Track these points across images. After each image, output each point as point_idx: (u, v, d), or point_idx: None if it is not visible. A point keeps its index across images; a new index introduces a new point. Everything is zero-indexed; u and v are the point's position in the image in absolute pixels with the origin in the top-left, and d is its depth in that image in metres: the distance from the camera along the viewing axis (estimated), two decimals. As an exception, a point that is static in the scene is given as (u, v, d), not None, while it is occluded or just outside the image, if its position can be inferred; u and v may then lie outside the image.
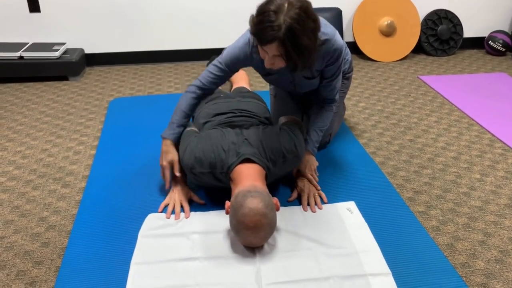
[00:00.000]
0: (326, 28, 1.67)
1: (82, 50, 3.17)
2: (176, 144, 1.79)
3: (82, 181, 1.94)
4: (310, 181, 1.81)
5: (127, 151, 2.13)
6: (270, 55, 1.49)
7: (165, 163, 1.75)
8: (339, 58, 1.71)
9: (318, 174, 1.86)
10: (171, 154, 1.76)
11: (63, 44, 3.08)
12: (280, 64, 1.53)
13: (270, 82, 1.97)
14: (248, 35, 1.70)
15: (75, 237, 1.59)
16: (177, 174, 1.74)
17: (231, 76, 1.80)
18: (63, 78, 3.05)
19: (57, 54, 2.94)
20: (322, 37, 1.60)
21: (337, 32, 1.70)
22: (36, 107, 2.65)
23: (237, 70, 1.79)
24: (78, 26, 3.16)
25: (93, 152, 2.17)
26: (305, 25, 1.42)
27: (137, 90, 2.89)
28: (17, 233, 1.64)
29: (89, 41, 3.22)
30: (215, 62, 1.77)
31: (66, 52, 3.06)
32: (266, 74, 1.85)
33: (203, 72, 1.79)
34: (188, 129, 1.81)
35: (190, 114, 1.82)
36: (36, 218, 1.71)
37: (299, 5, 1.41)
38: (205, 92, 1.81)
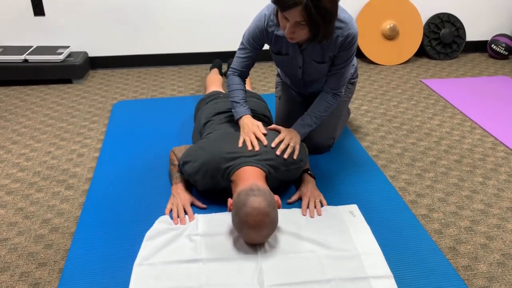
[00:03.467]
0: (344, 13, 1.71)
1: (86, 53, 3.18)
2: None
3: (85, 183, 1.95)
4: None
5: (130, 153, 2.14)
6: (292, 22, 1.52)
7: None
8: (353, 45, 1.74)
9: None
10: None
11: (67, 47, 3.10)
12: (300, 34, 1.58)
13: (279, 64, 2.00)
14: (264, 11, 1.78)
15: (78, 239, 1.60)
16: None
17: (256, 54, 1.89)
18: (67, 81, 3.07)
19: (61, 57, 2.96)
20: (337, 23, 1.66)
21: (353, 19, 1.74)
22: (40, 110, 2.66)
23: (259, 48, 1.87)
24: (82, 29, 3.18)
25: (97, 154, 2.18)
26: None
27: (141, 93, 2.91)
28: (21, 234, 1.65)
29: (93, 44, 3.24)
30: (240, 45, 1.89)
31: (70, 55, 3.08)
32: (278, 52, 1.89)
33: (234, 58, 1.92)
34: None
35: (244, 88, 1.92)
36: (40, 220, 1.72)
37: None
38: (243, 73, 1.93)
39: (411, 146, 2.28)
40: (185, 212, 1.71)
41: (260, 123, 1.79)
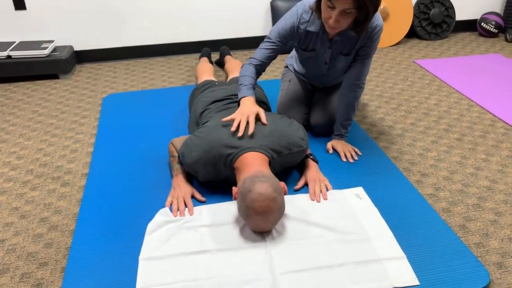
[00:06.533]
0: None
1: (71, 47, 3.09)
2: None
3: (81, 179, 1.89)
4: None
5: (124, 147, 2.08)
6: (339, 9, 1.58)
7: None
8: (379, 36, 1.79)
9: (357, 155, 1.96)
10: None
11: (52, 41, 3.00)
12: (343, 23, 1.63)
13: (304, 61, 2.02)
14: (296, 8, 1.81)
15: (78, 236, 1.54)
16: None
17: (281, 49, 1.87)
18: (54, 76, 2.97)
19: (46, 52, 2.86)
20: None
21: (378, 11, 1.77)
22: (27, 107, 2.57)
23: (286, 44, 1.86)
24: (66, 22, 3.08)
25: (90, 149, 2.11)
26: None
27: (131, 86, 2.83)
28: (18, 235, 1.58)
29: (78, 38, 3.14)
30: (265, 40, 1.88)
31: (55, 49, 2.98)
32: (305, 49, 1.92)
33: (256, 51, 1.89)
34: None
35: (255, 78, 1.88)
36: (37, 219, 1.66)
37: None
38: (262, 65, 1.89)
39: (410, 127, 2.26)
40: (185, 205, 1.66)
41: (261, 110, 1.74)
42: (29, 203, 1.75)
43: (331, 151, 1.97)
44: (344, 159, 1.92)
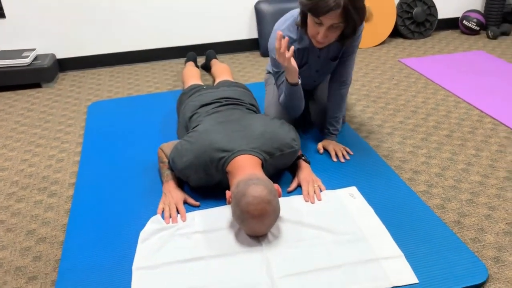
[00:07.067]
0: None
1: (53, 55, 3.03)
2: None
3: (69, 189, 1.84)
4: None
5: (112, 154, 2.03)
6: (327, 25, 1.59)
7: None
8: (360, 33, 1.80)
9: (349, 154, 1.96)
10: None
11: (33, 50, 2.94)
12: (331, 37, 1.64)
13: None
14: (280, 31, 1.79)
15: (68, 248, 1.49)
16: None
17: None
18: (36, 85, 2.91)
19: (27, 60, 2.80)
20: None
21: None
22: (9, 117, 2.51)
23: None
24: (48, 30, 3.02)
25: (77, 158, 2.06)
26: None
27: (116, 93, 2.78)
28: (4, 249, 1.53)
29: (60, 45, 3.08)
30: (275, 74, 1.90)
31: (36, 58, 2.92)
32: (300, 65, 1.92)
33: (278, 89, 1.93)
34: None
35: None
36: (24, 232, 1.60)
37: None
38: None
39: (399, 125, 2.26)
40: (178, 211, 1.63)
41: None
42: (15, 215, 1.69)
43: (321, 151, 1.96)
44: (335, 159, 1.91)
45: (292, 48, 1.60)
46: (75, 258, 1.44)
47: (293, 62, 1.67)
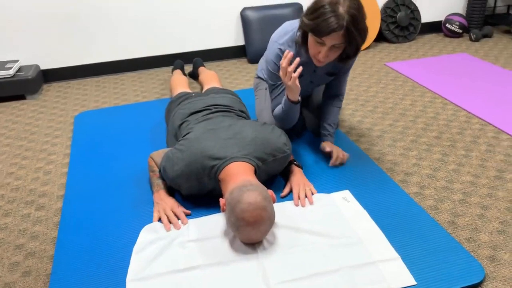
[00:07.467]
0: None
1: (37, 66, 2.98)
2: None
3: (57, 201, 1.80)
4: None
5: (101, 165, 2.00)
6: (329, 45, 1.58)
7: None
8: (359, 52, 1.77)
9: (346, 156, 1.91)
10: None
11: (16, 61, 2.89)
12: (332, 55, 1.64)
13: None
14: (275, 46, 1.80)
15: (59, 262, 1.45)
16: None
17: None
18: (20, 97, 2.86)
19: (11, 72, 2.75)
20: None
21: None
22: (-6, 130, 2.46)
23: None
24: (31, 41, 2.97)
25: (65, 170, 2.02)
26: (360, 10, 1.56)
27: (102, 102, 2.75)
28: (-8, 265, 1.48)
29: (44, 56, 3.04)
30: (269, 86, 1.88)
31: (20, 69, 2.87)
32: None
33: (272, 102, 1.92)
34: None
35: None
36: (12, 247, 1.56)
37: None
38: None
39: (389, 128, 2.27)
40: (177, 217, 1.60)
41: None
42: (2, 230, 1.65)
43: (327, 149, 1.90)
44: (335, 163, 1.87)
45: (300, 69, 1.59)
46: (67, 272, 1.40)
47: (297, 81, 1.65)
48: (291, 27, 1.80)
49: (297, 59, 1.60)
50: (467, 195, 1.72)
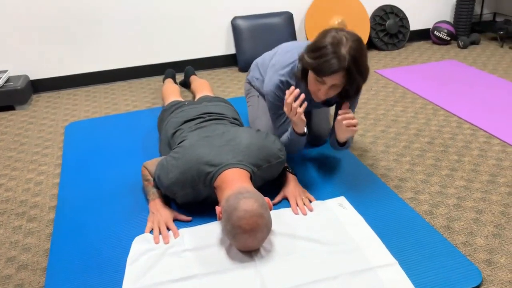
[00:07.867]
0: None
1: (26, 76, 2.95)
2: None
3: (49, 212, 1.77)
4: None
5: (93, 175, 1.98)
6: (329, 85, 1.58)
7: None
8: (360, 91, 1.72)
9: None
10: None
11: (5, 72, 2.86)
12: (332, 93, 1.63)
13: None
14: (276, 78, 1.78)
15: (52, 274, 1.42)
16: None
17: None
18: (9, 107, 2.82)
19: (-1, 82, 2.72)
20: None
21: None
22: (-18, 141, 2.42)
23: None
24: (20, 51, 2.94)
25: (56, 180, 1.99)
26: (362, 52, 1.55)
27: (93, 112, 2.72)
28: (-17, 278, 1.45)
29: (33, 66, 3.01)
30: (272, 115, 1.87)
31: (9, 80, 2.84)
32: None
33: (278, 130, 1.89)
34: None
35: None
36: (4, 259, 1.53)
37: (355, 37, 1.54)
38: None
39: (381, 134, 2.28)
40: (168, 229, 1.58)
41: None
42: (-7, 243, 1.61)
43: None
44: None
45: (305, 104, 1.59)
46: (60, 285, 1.38)
47: (302, 116, 1.64)
48: (292, 58, 1.78)
49: (302, 96, 1.59)
50: (461, 200, 1.73)
